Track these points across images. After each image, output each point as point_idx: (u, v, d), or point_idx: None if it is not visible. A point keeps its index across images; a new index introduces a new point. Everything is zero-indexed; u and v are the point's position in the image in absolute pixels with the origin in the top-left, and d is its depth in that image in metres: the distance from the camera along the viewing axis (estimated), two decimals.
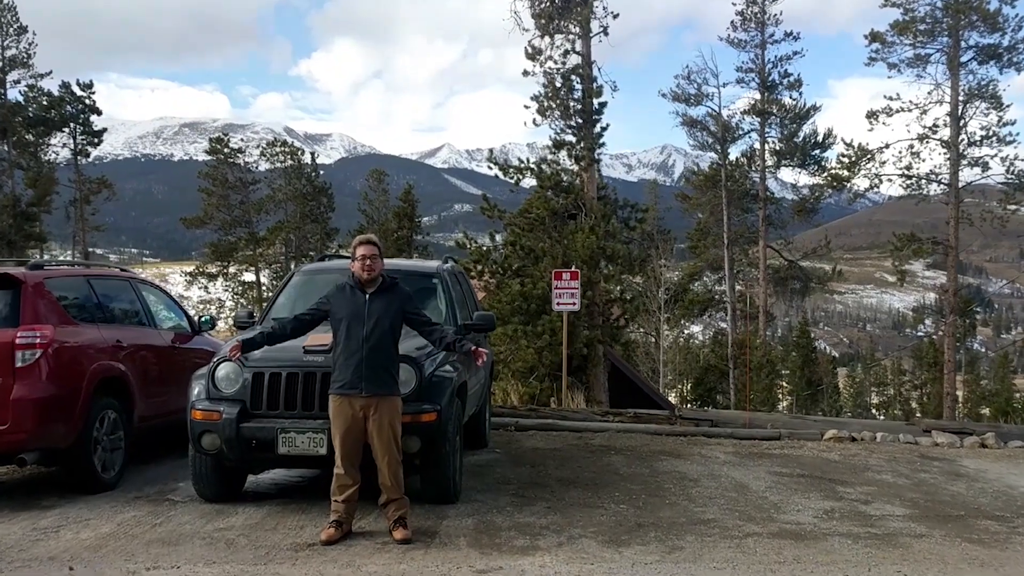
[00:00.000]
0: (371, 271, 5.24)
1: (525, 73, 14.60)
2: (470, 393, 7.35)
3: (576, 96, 14.37)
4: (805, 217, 28.52)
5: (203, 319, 9.06)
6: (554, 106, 14.23)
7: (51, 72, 28.12)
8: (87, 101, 30.19)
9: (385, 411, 5.12)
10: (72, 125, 30.06)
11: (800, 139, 27.87)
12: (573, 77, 14.16)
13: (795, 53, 28.31)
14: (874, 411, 67.67)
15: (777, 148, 28.41)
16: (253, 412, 5.87)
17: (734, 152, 29.25)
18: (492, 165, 14.65)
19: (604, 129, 14.55)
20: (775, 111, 28.10)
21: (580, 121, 14.39)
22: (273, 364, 5.83)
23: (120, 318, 7.66)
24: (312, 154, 40.16)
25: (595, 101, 14.20)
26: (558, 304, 11.19)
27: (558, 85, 14.29)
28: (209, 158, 38.53)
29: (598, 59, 14.80)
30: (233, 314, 7.74)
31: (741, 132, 28.60)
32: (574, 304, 11.15)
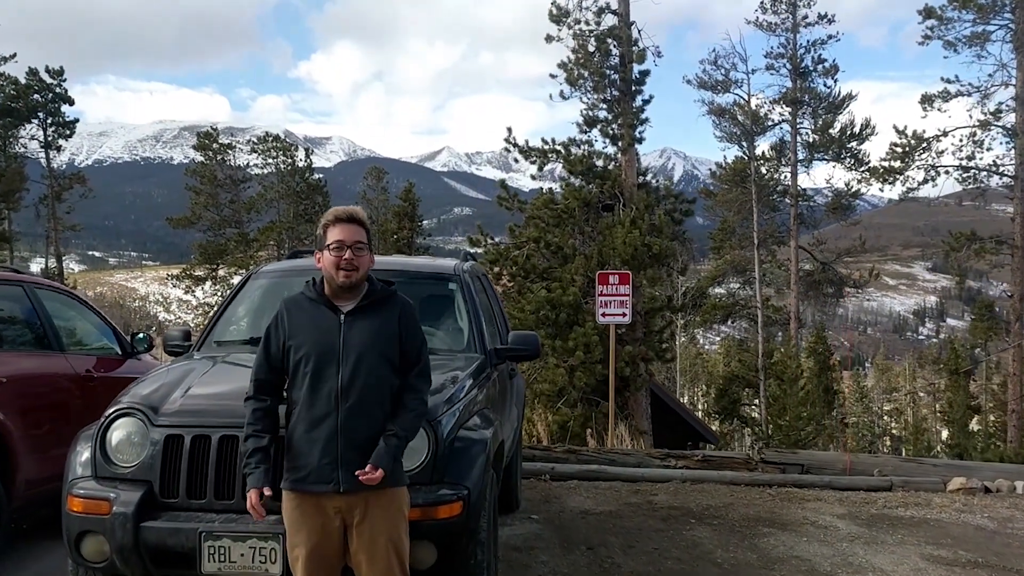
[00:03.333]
0: (352, 270, 3.04)
1: (548, 39, 12.27)
2: (507, 449, 5.08)
3: (612, 63, 12.05)
4: (841, 215, 26.22)
5: (137, 336, 6.78)
6: (586, 75, 11.89)
7: (15, 55, 25.78)
8: (57, 89, 27.82)
9: (381, 516, 3.01)
10: (41, 115, 27.75)
11: (836, 130, 25.53)
12: (609, 40, 11.85)
13: (830, 37, 26.01)
14: (886, 418, 65.47)
15: (810, 140, 26.09)
16: (165, 501, 3.63)
17: (762, 145, 26.97)
18: (511, 147, 12.31)
19: (646, 102, 12.25)
20: (808, 100, 25.80)
21: (616, 94, 12.06)
22: (199, 419, 3.71)
23: (1, 340, 5.36)
24: (307, 150, 37.82)
25: (636, 68, 11.89)
26: (604, 315, 8.89)
27: (591, 50, 11.96)
28: (196, 165, 36.18)
29: (638, 19, 12.39)
30: (164, 333, 5.41)
31: (771, 123, 26.27)
32: (624, 315, 8.84)
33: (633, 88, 11.88)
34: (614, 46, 11.87)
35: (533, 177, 12.78)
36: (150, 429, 3.72)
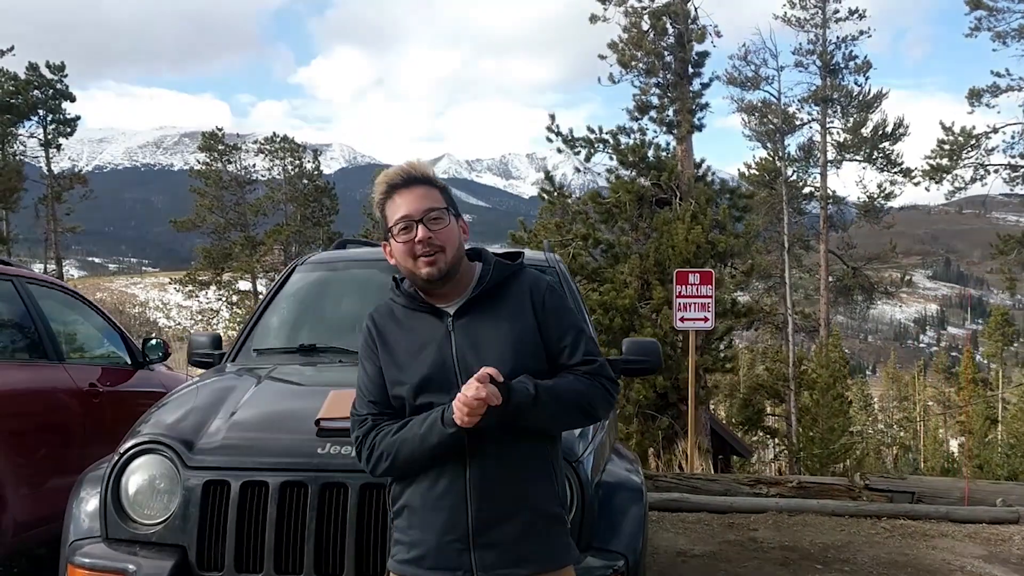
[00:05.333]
0: (435, 253, 2.00)
1: (593, 19, 11.23)
2: None
3: (667, 43, 10.99)
4: (873, 218, 25.18)
5: (150, 343, 5.72)
6: (640, 55, 10.83)
7: (12, 48, 24.63)
8: (58, 86, 26.73)
9: None
10: (41, 112, 26.62)
11: (868, 130, 24.50)
12: (665, 18, 10.80)
13: (861, 33, 25.00)
14: (895, 427, 64.33)
15: (840, 140, 25.07)
16: (204, 575, 2.63)
17: (790, 145, 25.90)
18: (554, 135, 11.24)
19: (705, 86, 11.22)
20: (839, 98, 24.78)
21: (671, 77, 11.00)
22: (251, 459, 2.73)
23: None
24: (316, 151, 36.81)
25: (695, 48, 10.84)
26: (683, 320, 7.82)
27: (645, 28, 10.91)
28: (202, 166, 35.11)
29: None
30: (189, 339, 4.30)
31: (799, 122, 25.23)
32: (705, 319, 7.76)
33: (691, 71, 10.86)
34: (670, 24, 10.83)
35: (579, 170, 11.74)
36: (182, 472, 2.70)
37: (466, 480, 1.88)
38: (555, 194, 11.28)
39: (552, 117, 11.04)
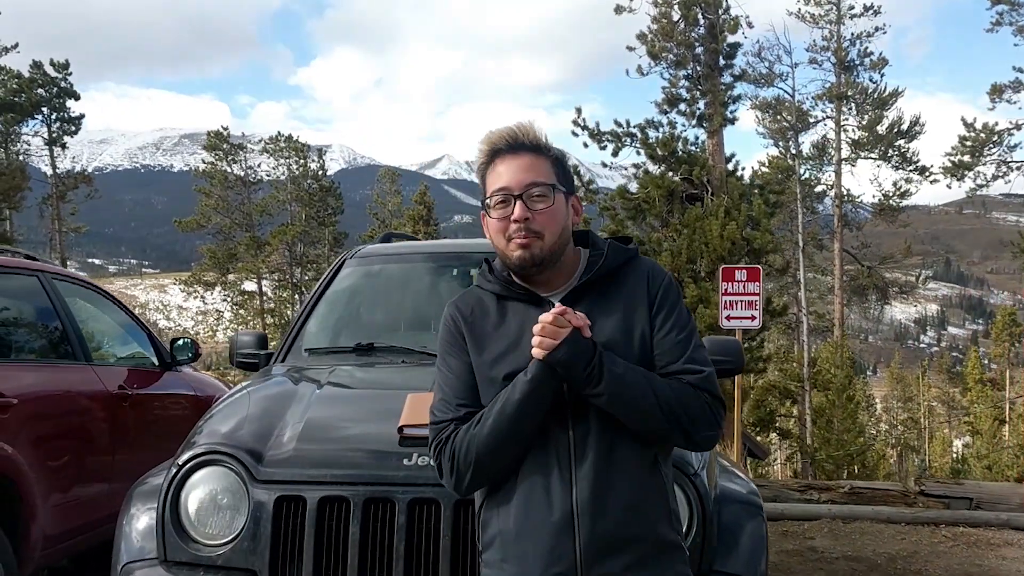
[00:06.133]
0: (532, 237, 1.68)
1: (618, 10, 10.92)
2: None
3: (698, 33, 10.69)
4: (888, 216, 24.90)
5: (178, 343, 5.41)
6: (670, 46, 10.52)
7: (17, 45, 24.32)
8: (63, 83, 26.38)
9: None
10: (45, 111, 26.32)
11: (884, 127, 24.21)
12: (696, 8, 10.48)
13: (876, 29, 24.72)
14: (900, 427, 64.00)
15: (855, 138, 24.78)
16: None
17: (804, 143, 25.62)
18: (580, 129, 10.92)
19: (737, 78, 10.91)
20: (853, 95, 24.49)
21: (702, 69, 10.69)
22: (329, 471, 2.42)
23: (8, 347, 4.03)
24: (320, 151, 36.53)
25: (727, 39, 10.53)
26: (729, 318, 7.52)
27: (675, 18, 10.61)
28: (207, 165, 34.80)
29: None
30: (231, 338, 3.95)
31: (813, 119, 24.96)
32: (753, 318, 7.47)
33: (722, 62, 10.56)
34: (702, 14, 10.53)
35: (607, 165, 11.41)
36: (251, 487, 2.38)
37: (573, 498, 1.58)
38: (582, 190, 11.01)
39: (579, 111, 10.76)
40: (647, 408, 1.57)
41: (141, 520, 2.57)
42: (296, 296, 34.35)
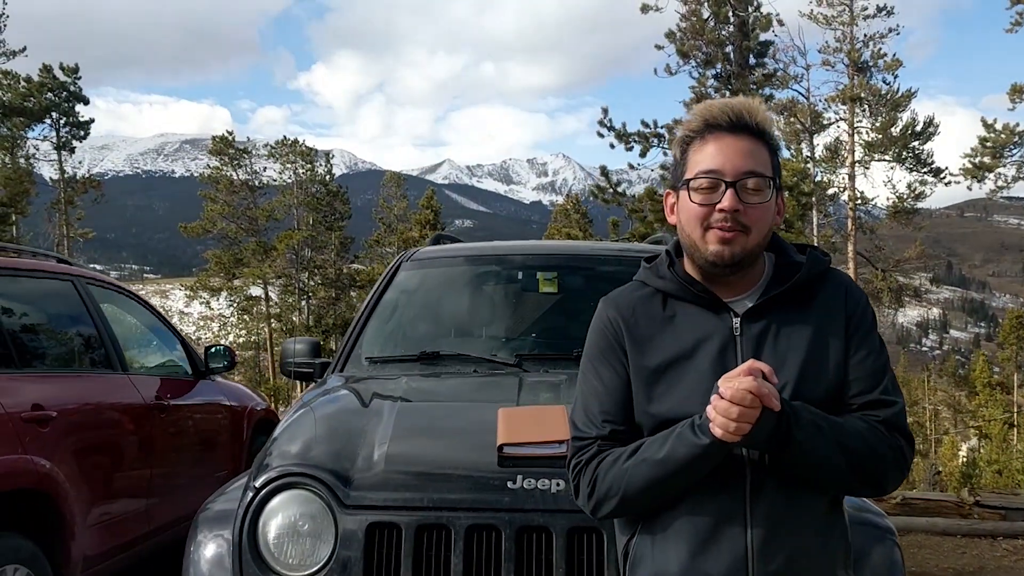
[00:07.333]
0: (738, 232, 1.45)
1: (644, 8, 10.71)
2: None
3: (728, 31, 10.50)
4: (903, 219, 24.68)
5: (213, 350, 5.18)
6: (700, 44, 10.32)
7: (25, 49, 24.17)
8: (72, 88, 26.27)
9: None
10: (54, 115, 26.16)
11: (898, 129, 24.00)
12: (727, 6, 10.28)
13: (890, 30, 24.52)
14: None
15: (869, 139, 24.58)
16: None
17: (817, 145, 25.42)
18: (606, 130, 10.69)
19: (768, 76, 10.71)
20: (867, 97, 24.28)
21: (731, 68, 10.50)
22: (426, 495, 2.22)
23: (44, 356, 3.78)
24: (328, 155, 36.38)
25: (759, 37, 10.34)
26: None
27: (705, 16, 10.42)
28: (212, 171, 34.63)
29: None
30: (281, 346, 3.71)
31: (826, 121, 24.75)
32: None
33: (751, 61, 10.37)
34: (732, 12, 10.32)
35: (633, 167, 11.22)
36: (338, 512, 2.14)
37: (748, 541, 1.38)
38: (610, 191, 10.76)
39: (605, 111, 10.53)
40: (833, 468, 1.40)
41: (209, 548, 2.35)
42: (303, 303, 34.15)
